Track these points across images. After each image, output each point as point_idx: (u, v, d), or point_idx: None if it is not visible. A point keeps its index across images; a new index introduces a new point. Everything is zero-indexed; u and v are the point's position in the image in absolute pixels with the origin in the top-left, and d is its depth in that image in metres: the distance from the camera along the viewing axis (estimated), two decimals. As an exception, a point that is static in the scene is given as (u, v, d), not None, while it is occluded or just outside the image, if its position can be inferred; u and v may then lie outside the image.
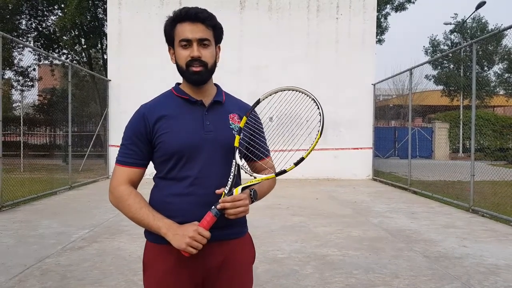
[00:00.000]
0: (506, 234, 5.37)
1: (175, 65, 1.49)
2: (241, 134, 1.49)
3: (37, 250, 4.40)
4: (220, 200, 1.36)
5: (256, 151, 1.55)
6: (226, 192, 1.39)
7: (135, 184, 1.48)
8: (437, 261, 4.15)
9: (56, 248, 4.48)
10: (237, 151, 1.46)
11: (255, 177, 1.45)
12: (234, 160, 1.45)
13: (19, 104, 24.67)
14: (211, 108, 1.49)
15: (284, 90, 1.50)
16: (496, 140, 21.33)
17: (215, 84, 1.58)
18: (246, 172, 1.50)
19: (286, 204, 7.46)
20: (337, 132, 12.35)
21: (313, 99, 1.44)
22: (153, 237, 1.44)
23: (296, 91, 1.49)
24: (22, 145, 14.23)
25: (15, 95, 23.32)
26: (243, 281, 1.52)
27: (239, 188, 1.41)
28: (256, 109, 1.58)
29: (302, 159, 1.39)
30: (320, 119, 1.42)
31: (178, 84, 1.57)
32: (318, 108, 1.42)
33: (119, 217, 6.18)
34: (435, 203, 7.82)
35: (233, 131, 1.49)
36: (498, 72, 26.54)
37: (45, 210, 6.82)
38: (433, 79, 25.92)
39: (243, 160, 1.51)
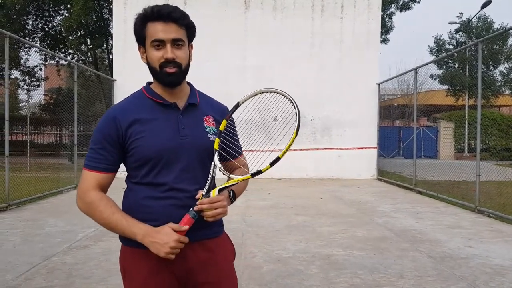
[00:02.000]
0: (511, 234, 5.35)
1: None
2: (221, 137, 1.48)
3: (43, 249, 4.43)
4: (197, 202, 1.35)
5: (231, 151, 1.52)
6: (204, 194, 1.38)
7: (104, 189, 1.43)
8: (442, 262, 4.14)
9: (62, 247, 4.51)
10: (216, 153, 1.45)
11: (232, 178, 1.43)
12: (212, 162, 1.44)
13: (26, 103, 24.86)
14: (185, 111, 1.46)
15: (263, 93, 1.49)
16: (502, 140, 21.21)
17: (188, 83, 1.54)
18: (224, 174, 1.49)
19: (291, 203, 7.46)
20: (341, 131, 12.34)
21: (290, 99, 1.42)
22: (130, 241, 1.39)
23: (274, 92, 1.48)
24: (28, 144, 14.33)
25: (22, 95, 23.51)
26: (229, 278, 1.51)
27: (216, 189, 1.40)
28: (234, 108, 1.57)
29: (277, 158, 1.36)
30: (296, 119, 1.38)
31: (149, 83, 1.51)
32: (295, 108, 1.40)
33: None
34: (440, 203, 7.79)
35: (208, 134, 1.47)
36: (504, 71, 26.38)
37: (51, 209, 6.88)
38: (438, 79, 25.78)
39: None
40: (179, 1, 12.00)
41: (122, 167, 1.48)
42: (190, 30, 1.44)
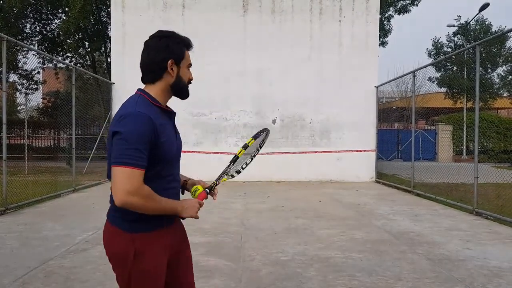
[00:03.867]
0: (509, 236, 5.35)
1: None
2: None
3: (41, 253, 4.42)
4: (215, 190, 1.87)
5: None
6: (215, 182, 1.87)
7: None
8: (440, 264, 4.14)
9: (60, 251, 4.50)
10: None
11: (232, 176, 1.93)
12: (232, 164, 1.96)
13: (24, 107, 24.80)
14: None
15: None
16: (500, 142, 21.28)
17: None
18: (228, 172, 1.95)
19: (289, 206, 7.46)
20: (340, 134, 12.36)
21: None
22: (145, 227, 1.61)
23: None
24: (26, 147, 14.29)
25: (20, 98, 23.54)
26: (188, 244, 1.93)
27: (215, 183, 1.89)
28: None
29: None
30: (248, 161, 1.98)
31: (142, 90, 1.68)
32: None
33: (122, 219, 6.20)
34: (438, 206, 7.80)
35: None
36: (502, 74, 26.42)
37: (49, 212, 6.86)
38: (436, 81, 25.83)
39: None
40: (178, 5, 12.04)
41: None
42: None
